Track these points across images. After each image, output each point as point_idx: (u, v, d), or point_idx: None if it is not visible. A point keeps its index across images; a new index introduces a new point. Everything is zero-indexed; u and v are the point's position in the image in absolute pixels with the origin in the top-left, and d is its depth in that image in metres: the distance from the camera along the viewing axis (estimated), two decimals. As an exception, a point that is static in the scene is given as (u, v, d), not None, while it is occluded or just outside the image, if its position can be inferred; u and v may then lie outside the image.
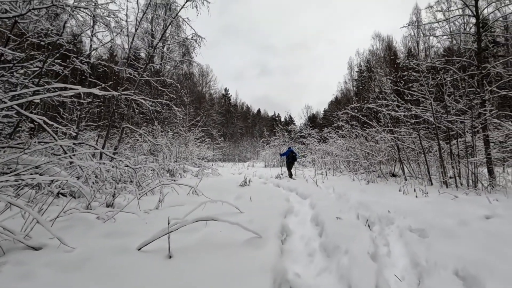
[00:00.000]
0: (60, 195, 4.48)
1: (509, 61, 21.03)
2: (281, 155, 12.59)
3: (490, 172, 7.05)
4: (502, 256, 2.24)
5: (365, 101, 11.05)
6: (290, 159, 11.62)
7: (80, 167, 4.60)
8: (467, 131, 7.45)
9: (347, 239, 2.70)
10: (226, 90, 57.10)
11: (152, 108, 7.81)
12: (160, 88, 8.67)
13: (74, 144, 5.45)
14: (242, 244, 2.57)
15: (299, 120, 55.00)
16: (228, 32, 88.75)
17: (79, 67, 6.88)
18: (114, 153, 6.99)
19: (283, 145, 23.72)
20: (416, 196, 5.63)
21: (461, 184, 7.17)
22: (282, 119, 60.07)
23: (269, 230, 2.97)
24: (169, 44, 10.09)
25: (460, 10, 9.56)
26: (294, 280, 2.09)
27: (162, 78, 9.73)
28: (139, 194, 4.87)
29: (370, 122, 10.96)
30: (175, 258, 2.25)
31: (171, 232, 2.39)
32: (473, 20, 8.49)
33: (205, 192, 5.41)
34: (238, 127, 53.95)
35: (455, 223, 3.19)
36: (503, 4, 9.78)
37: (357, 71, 40.25)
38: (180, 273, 2.01)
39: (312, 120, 52.20)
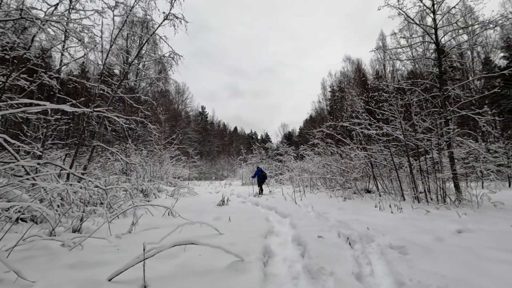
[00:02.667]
0: (19, 221, 4.06)
1: (465, 84, 23.02)
2: (253, 177, 12.97)
3: (457, 187, 7.47)
4: (479, 272, 2.31)
5: (339, 120, 11.50)
6: (261, 178, 12.30)
7: (44, 189, 4.23)
8: (433, 148, 7.91)
9: (330, 260, 2.66)
10: (202, 108, 56.92)
11: (126, 125, 7.51)
12: (135, 105, 8.41)
13: (38, 164, 5.04)
14: (224, 270, 2.43)
15: (276, 138, 55.88)
16: (200, 56, 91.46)
17: (47, 83, 6.53)
18: (83, 173, 6.56)
19: (260, 162, 23.80)
20: (392, 212, 5.77)
21: (431, 199, 7.50)
22: (259, 137, 60.66)
23: (251, 252, 2.85)
24: (145, 61, 9.94)
25: (421, 38, 10.41)
26: (279, 307, 1.98)
27: (137, 95, 9.47)
28: (110, 217, 4.54)
29: (344, 140, 11.33)
30: (151, 289, 2.07)
31: (146, 259, 2.21)
32: (433, 46, 9.27)
33: (181, 213, 5.18)
34: (215, 145, 53.49)
35: (432, 239, 3.28)
36: (456, 34, 10.79)
37: (329, 91, 42.01)
38: (156, 306, 1.84)
39: (288, 138, 53.17)
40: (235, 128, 68.93)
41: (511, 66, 22.92)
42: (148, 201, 8.00)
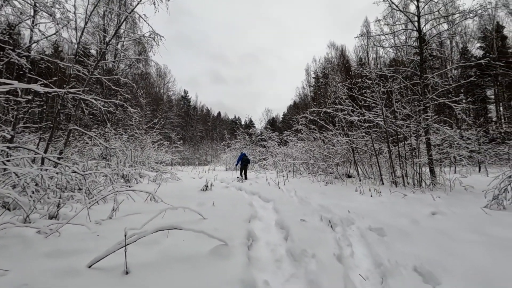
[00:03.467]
0: (-11, 208, 3.86)
1: (443, 73, 23.73)
2: (236, 164, 13.09)
3: (432, 172, 7.83)
4: (450, 252, 2.45)
5: (322, 106, 11.63)
6: (244, 162, 12.42)
7: (16, 174, 4.01)
8: (412, 135, 8.18)
9: (313, 242, 2.72)
10: (185, 92, 55.56)
11: (104, 108, 7.19)
12: (113, 87, 8.03)
13: (8, 148, 4.76)
14: (208, 255, 2.43)
15: (260, 124, 55.85)
16: (180, 40, 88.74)
17: (16, 61, 6.06)
18: (59, 158, 6.27)
19: (244, 148, 23.82)
20: (371, 196, 5.98)
21: (408, 183, 7.83)
22: (243, 123, 60.35)
23: (235, 237, 2.87)
24: (123, 41, 9.43)
25: (404, 26, 10.52)
26: (263, 289, 2.02)
27: (115, 76, 9.03)
28: (90, 203, 4.41)
29: (327, 126, 11.49)
30: (133, 275, 2.03)
31: (128, 244, 2.16)
32: (415, 34, 9.42)
33: (164, 198, 5.11)
34: (198, 130, 52.77)
35: (408, 222, 3.44)
36: (437, 23, 10.99)
37: (314, 77, 42.09)
38: (139, 292, 1.81)
39: (272, 123, 53.29)
40: (219, 113, 68.13)
41: (486, 56, 23.81)
42: (129, 187, 7.84)
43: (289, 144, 15.74)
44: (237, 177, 12.15)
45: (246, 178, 12.00)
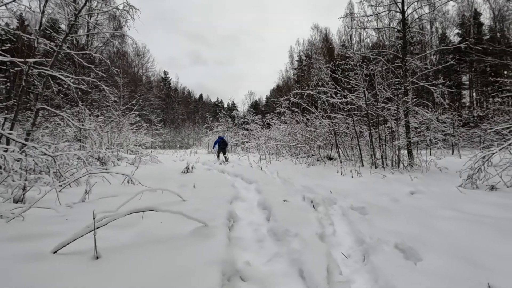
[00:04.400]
0: None
1: (422, 58, 24.21)
2: (213, 146, 13.19)
3: (410, 154, 8.07)
4: (430, 228, 2.49)
5: (305, 88, 11.56)
6: (222, 145, 12.56)
7: (-26, 156, 3.66)
8: (392, 117, 8.31)
9: (295, 222, 2.67)
10: (165, 73, 53.58)
11: (74, 86, 6.69)
12: (85, 63, 7.45)
13: (-36, 127, 4.33)
14: (187, 236, 2.32)
15: (242, 107, 55.26)
16: (156, 19, 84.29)
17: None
18: (26, 139, 5.82)
19: (227, 130, 23.61)
20: (352, 177, 6.07)
21: (387, 165, 8.04)
22: (225, 105, 59.45)
23: (216, 218, 2.77)
24: (96, 12, 8.71)
25: (388, 7, 10.42)
26: (244, 269, 1.94)
27: (87, 52, 8.38)
28: (60, 185, 4.14)
29: (310, 108, 11.46)
30: (104, 259, 1.89)
31: (98, 228, 2.00)
32: (398, 15, 9.38)
33: (143, 181, 4.90)
34: (179, 112, 51.52)
35: (389, 200, 3.48)
36: (419, 6, 10.98)
37: (297, 60, 41.73)
38: (109, 276, 1.67)
39: (255, 106, 52.90)
40: (201, 96, 66.62)
41: (463, 41, 24.44)
42: (105, 169, 7.51)
43: (272, 127, 15.68)
44: (217, 160, 12.08)
45: (227, 160, 11.92)
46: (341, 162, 9.18)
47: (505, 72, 24.91)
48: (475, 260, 1.89)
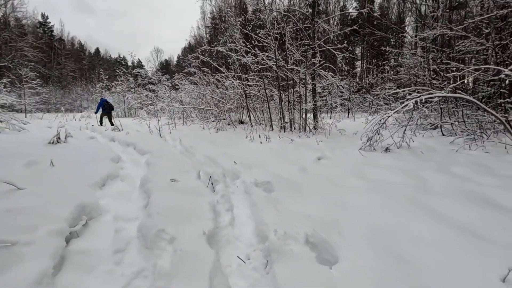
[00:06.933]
0: None
1: (329, 20, 25.68)
2: (96, 111, 11.78)
3: (315, 117, 8.26)
4: (343, 206, 2.12)
5: (215, 44, 10.47)
6: (107, 109, 11.55)
7: None
8: (301, 80, 8.23)
9: (179, 215, 1.91)
10: (45, 17, 41.99)
11: None
12: None
13: None
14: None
15: (149, 65, 49.13)
16: None
17: None
18: None
19: (128, 91, 20.55)
20: (261, 142, 5.66)
21: (295, 128, 8.06)
22: (130, 64, 51.66)
23: (50, 221, 1.74)
24: None
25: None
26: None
27: None
28: None
29: (220, 68, 10.51)
30: None
31: None
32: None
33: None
34: (68, 68, 42.35)
35: (297, 170, 3.08)
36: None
37: (210, 17, 38.80)
38: None
39: (166, 67, 47.87)
40: (97, 50, 55.92)
41: (359, 17, 26.87)
42: None
43: (180, 88, 14.09)
44: (100, 127, 10.52)
45: (112, 125, 10.60)
46: (251, 126, 8.82)
47: (388, 47, 29.04)
48: (397, 251, 1.55)
